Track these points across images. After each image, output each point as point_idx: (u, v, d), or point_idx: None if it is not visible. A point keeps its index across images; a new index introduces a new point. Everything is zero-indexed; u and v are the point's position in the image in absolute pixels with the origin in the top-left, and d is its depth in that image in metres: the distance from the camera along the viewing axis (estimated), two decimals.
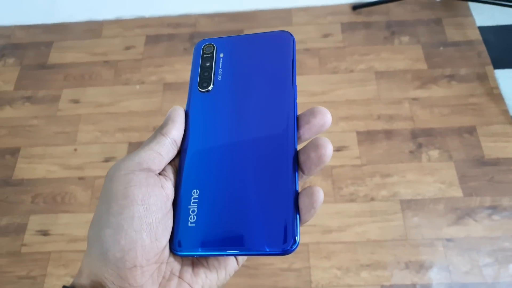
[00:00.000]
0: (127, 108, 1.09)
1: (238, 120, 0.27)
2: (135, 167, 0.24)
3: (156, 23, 1.24)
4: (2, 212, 0.97)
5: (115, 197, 0.23)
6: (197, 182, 0.25)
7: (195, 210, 0.24)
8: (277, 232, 0.23)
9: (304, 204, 0.24)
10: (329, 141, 0.24)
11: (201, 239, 0.24)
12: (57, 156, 1.04)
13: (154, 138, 0.26)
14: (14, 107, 1.12)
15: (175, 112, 0.27)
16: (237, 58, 0.29)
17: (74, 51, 1.20)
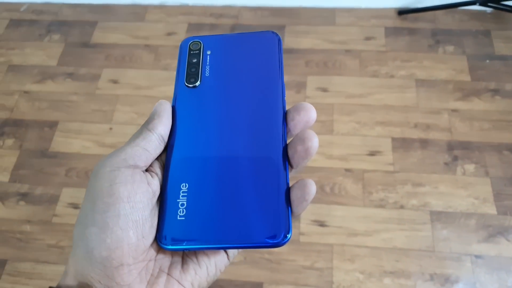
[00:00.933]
0: (163, 93, 1.12)
1: (226, 115, 0.27)
2: (120, 163, 0.24)
3: (199, 11, 1.27)
4: (37, 181, 1.01)
5: (100, 194, 0.23)
6: (186, 176, 0.25)
7: (184, 204, 0.24)
8: (269, 225, 0.23)
9: (296, 196, 0.24)
10: (315, 133, 0.24)
11: (191, 232, 0.23)
12: (93, 133, 1.07)
13: (140, 133, 0.25)
14: (56, 81, 1.17)
15: (161, 107, 0.26)
16: (224, 55, 0.29)
17: (117, 33, 1.24)
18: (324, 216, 0.93)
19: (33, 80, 1.18)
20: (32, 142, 1.07)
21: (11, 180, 1.02)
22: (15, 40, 1.25)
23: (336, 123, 1.04)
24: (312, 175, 0.97)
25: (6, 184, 1.02)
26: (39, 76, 1.18)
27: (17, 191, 1.01)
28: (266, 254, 0.89)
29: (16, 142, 1.08)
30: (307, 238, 0.90)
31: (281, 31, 1.21)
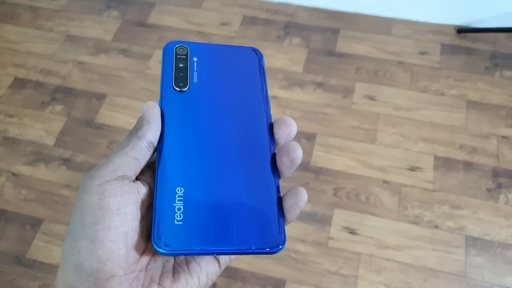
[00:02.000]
0: None
1: (216, 122, 0.27)
2: (109, 176, 0.24)
3: (256, 5, 1.29)
4: (80, 149, 1.06)
5: (90, 207, 0.23)
6: (181, 180, 0.25)
7: (181, 208, 0.24)
8: (265, 232, 0.24)
9: (289, 204, 0.25)
10: (299, 145, 0.26)
11: (189, 237, 0.23)
12: (137, 110, 1.11)
13: (129, 142, 0.25)
14: (109, 56, 1.22)
15: (150, 111, 0.26)
16: (210, 65, 0.30)
17: (173, 16, 1.28)
18: (356, 224, 0.93)
19: (88, 52, 1.23)
20: (79, 111, 1.12)
21: (56, 144, 1.07)
22: (75, 12, 1.31)
23: (380, 133, 1.04)
24: (349, 181, 0.98)
25: (51, 148, 1.07)
26: (93, 48, 1.24)
27: (60, 156, 1.05)
28: (292, 253, 0.90)
29: (65, 109, 1.13)
30: (335, 243, 0.91)
31: (335, 34, 1.21)
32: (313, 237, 0.92)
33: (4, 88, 1.18)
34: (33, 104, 1.15)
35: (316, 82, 1.13)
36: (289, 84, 1.13)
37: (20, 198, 1.00)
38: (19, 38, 1.27)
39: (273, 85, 1.13)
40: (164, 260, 0.25)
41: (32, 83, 1.19)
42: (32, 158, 1.06)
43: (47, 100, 1.15)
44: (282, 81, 1.14)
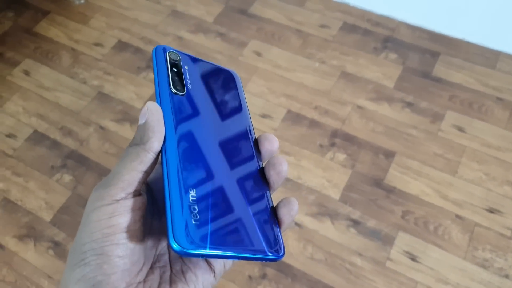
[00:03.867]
0: (299, 79, 1.18)
1: (212, 131, 0.28)
2: (119, 195, 0.24)
3: (357, 13, 1.30)
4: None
5: (99, 226, 0.23)
6: (193, 181, 0.25)
7: (196, 209, 0.24)
8: (270, 240, 0.25)
9: (283, 213, 0.26)
10: (284, 159, 0.27)
11: (209, 238, 0.24)
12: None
13: (137, 155, 0.25)
14: (207, 36, 1.29)
15: (154, 118, 0.26)
16: (199, 76, 0.31)
17: (274, 10, 1.33)
18: (419, 251, 0.92)
19: (188, 29, 1.31)
20: None
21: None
22: None
23: (463, 167, 1.01)
24: (420, 208, 0.96)
25: (137, 110, 1.16)
26: (194, 27, 1.32)
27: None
28: (347, 264, 0.91)
29: None
30: (393, 265, 0.90)
31: (435, 57, 1.20)
32: (371, 253, 0.92)
33: (108, 48, 1.30)
34: (130, 68, 1.25)
35: (406, 101, 1.13)
36: (377, 97, 1.14)
37: (102, 150, 1.10)
38: (130, 5, 1.38)
39: (361, 95, 1.14)
40: (161, 271, 0.26)
41: (133, 48, 1.29)
42: (120, 116, 1.15)
43: (143, 66, 1.25)
44: (371, 92, 1.14)
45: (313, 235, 0.95)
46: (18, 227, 1.01)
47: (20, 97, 1.22)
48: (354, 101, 1.13)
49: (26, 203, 1.04)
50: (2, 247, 0.98)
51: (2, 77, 1.26)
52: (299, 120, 1.11)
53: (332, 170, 1.03)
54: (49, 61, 1.29)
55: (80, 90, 1.22)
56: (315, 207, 0.98)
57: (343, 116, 1.11)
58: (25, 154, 1.11)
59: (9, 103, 1.22)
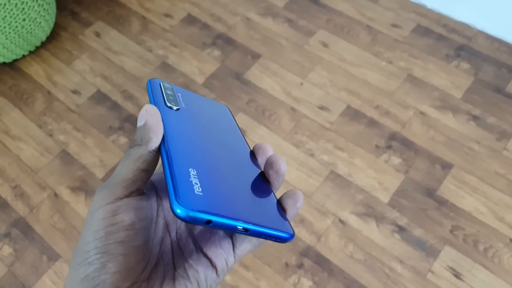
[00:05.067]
0: (363, 75, 1.17)
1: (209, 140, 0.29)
2: (123, 193, 0.24)
3: (433, 17, 1.27)
4: (223, 96, 1.17)
5: (103, 223, 0.23)
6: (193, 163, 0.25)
7: (198, 183, 0.24)
8: (278, 219, 0.25)
9: (287, 204, 0.27)
10: (282, 156, 0.28)
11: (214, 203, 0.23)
12: (285, 80, 1.18)
13: (140, 155, 0.25)
14: (275, 21, 1.30)
15: (153, 119, 0.26)
16: (192, 106, 0.31)
17: (348, 3, 1.32)
18: (464, 269, 0.90)
19: (257, 11, 1.33)
20: (233, 62, 1.23)
21: (203, 84, 1.19)
22: None
23: None
24: (472, 225, 0.94)
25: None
26: (263, 10, 1.33)
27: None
28: (387, 269, 0.90)
29: (221, 56, 1.24)
30: (434, 278, 0.89)
31: (510, 73, 1.15)
32: (413, 262, 0.91)
33: (177, 20, 1.34)
34: (196, 42, 1.28)
35: (472, 114, 1.09)
36: (442, 105, 1.11)
37: None
38: None
39: (425, 101, 1.12)
40: (164, 269, 0.26)
41: (201, 23, 1.32)
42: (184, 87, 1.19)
43: (208, 43, 1.28)
44: (436, 100, 1.12)
45: (356, 234, 0.95)
46: (72, 179, 1.07)
47: (88, 56, 1.29)
48: (417, 106, 1.11)
49: (82, 158, 1.10)
50: (56, 195, 1.05)
51: (75, 36, 1.33)
52: (358, 117, 1.10)
53: (385, 173, 1.02)
54: (120, 25, 1.34)
55: (145, 57, 1.27)
56: (361, 207, 0.98)
57: (403, 119, 1.09)
58: (87, 111, 1.17)
59: (78, 61, 1.28)
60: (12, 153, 1.12)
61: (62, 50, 1.31)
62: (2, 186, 1.07)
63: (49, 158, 1.10)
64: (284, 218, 0.26)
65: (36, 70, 1.27)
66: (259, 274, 0.92)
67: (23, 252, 0.99)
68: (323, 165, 1.04)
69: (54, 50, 1.31)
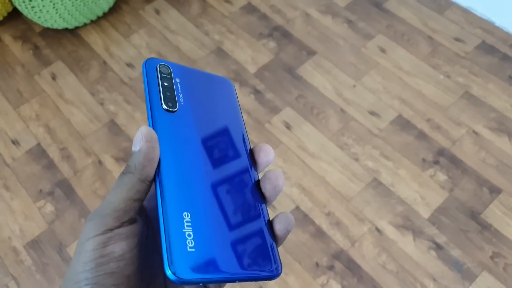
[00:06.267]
0: (419, 86, 1.15)
1: (206, 147, 0.28)
2: (113, 224, 0.24)
3: (500, 35, 1.23)
4: (272, 88, 1.17)
5: (93, 255, 0.23)
6: (186, 205, 0.25)
7: (191, 234, 0.24)
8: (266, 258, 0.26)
9: (279, 228, 0.27)
10: (280, 172, 0.28)
11: (204, 264, 0.24)
12: (337, 80, 1.18)
13: (133, 185, 0.25)
14: (335, 20, 1.30)
15: (149, 145, 0.25)
16: (191, 88, 0.30)
17: (411, 10, 1.30)
18: None
19: (316, 7, 1.33)
20: (287, 55, 1.23)
21: (255, 74, 1.20)
22: None
23: None
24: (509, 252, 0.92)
25: (249, 74, 1.20)
26: (324, 7, 1.33)
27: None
28: (419, 285, 0.90)
29: (276, 48, 1.25)
30: None
31: None
32: (447, 282, 0.90)
33: (236, 7, 1.35)
34: (252, 32, 1.29)
35: None
36: (498, 128, 1.08)
37: None
38: None
39: (480, 121, 1.09)
40: None
41: (260, 13, 1.33)
42: (232, 75, 1.21)
43: (265, 34, 1.29)
44: (492, 121, 1.09)
45: (391, 245, 0.94)
46: (117, 149, 1.10)
47: (146, 32, 1.32)
48: (471, 125, 1.09)
49: (128, 130, 1.13)
50: (100, 163, 1.09)
51: (135, 10, 1.37)
52: (408, 128, 1.09)
53: (429, 188, 1.01)
54: (180, 6, 1.37)
55: (201, 40, 1.29)
56: (400, 218, 0.97)
57: (455, 136, 1.07)
58: (139, 85, 1.21)
59: (135, 35, 1.32)
60: (63, 116, 1.17)
61: (121, 23, 1.34)
62: (51, 147, 1.12)
63: (98, 126, 1.14)
64: (273, 250, 0.26)
65: (95, 39, 1.31)
66: (288, 269, 0.93)
67: (64, 212, 1.03)
68: (366, 171, 1.03)
69: (114, 22, 1.35)
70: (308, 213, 0.99)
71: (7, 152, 1.12)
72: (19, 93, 1.22)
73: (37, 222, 1.02)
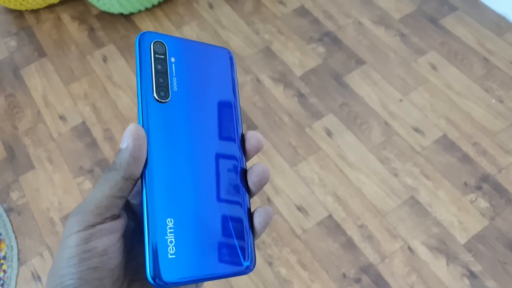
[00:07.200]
0: (468, 108, 1.12)
1: (195, 139, 0.27)
2: (96, 220, 0.24)
3: None
4: (317, 93, 1.17)
5: (76, 251, 0.23)
6: (170, 210, 0.25)
7: (173, 241, 0.25)
8: (243, 255, 0.27)
9: (259, 221, 0.28)
10: (266, 166, 0.28)
11: (183, 268, 0.25)
12: (384, 91, 1.16)
13: (116, 183, 0.25)
14: (387, 31, 1.28)
15: (136, 144, 0.25)
16: (187, 67, 0.29)
17: (468, 29, 1.26)
18: None
19: (371, 18, 1.31)
20: (335, 62, 1.22)
21: (301, 77, 1.20)
22: None
23: None
24: None
25: (294, 76, 1.20)
26: (378, 18, 1.31)
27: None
28: None
29: (325, 53, 1.25)
30: None
31: None
32: None
33: (289, 9, 1.35)
34: (303, 35, 1.29)
35: None
36: None
37: (251, 101, 1.17)
38: None
39: None
40: (141, 283, 0.27)
41: (312, 17, 1.33)
42: (277, 76, 1.21)
43: (315, 38, 1.28)
44: None
45: (422, 266, 0.92)
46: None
47: (197, 25, 1.34)
48: None
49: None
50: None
51: (189, 2, 1.39)
52: (452, 149, 1.06)
53: (468, 213, 0.98)
54: (233, 2, 1.38)
55: (251, 38, 1.30)
56: (435, 240, 0.95)
57: (502, 164, 1.04)
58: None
59: (187, 27, 1.34)
60: (110, 98, 1.20)
61: (175, 13, 1.37)
62: (95, 126, 1.16)
63: None
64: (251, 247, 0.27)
65: (147, 26, 1.34)
66: (314, 276, 0.92)
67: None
68: (404, 188, 1.02)
69: (168, 11, 1.38)
70: (340, 223, 0.98)
71: (54, 126, 1.16)
72: (71, 71, 1.26)
73: (74, 197, 1.05)
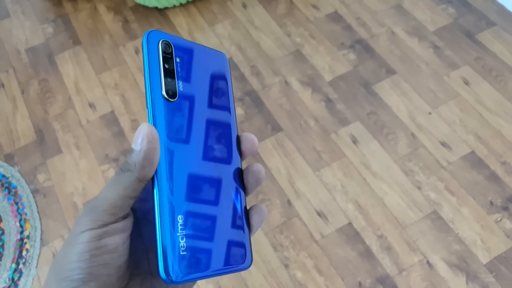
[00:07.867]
0: (499, 126, 1.10)
1: (200, 138, 0.29)
2: (109, 219, 0.25)
3: None
4: (345, 99, 1.17)
5: (88, 247, 0.24)
6: (180, 208, 0.26)
7: (184, 238, 0.26)
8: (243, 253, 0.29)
9: (255, 219, 0.29)
10: (262, 167, 0.30)
11: (193, 265, 0.26)
12: (414, 103, 1.15)
13: (131, 184, 0.25)
14: (421, 43, 1.27)
15: (150, 146, 0.25)
16: (189, 69, 0.30)
17: (505, 46, 1.24)
18: None
19: (405, 28, 1.30)
20: (366, 70, 1.22)
21: (330, 82, 1.20)
22: None
23: None
24: None
25: (323, 81, 1.20)
26: (412, 28, 1.30)
27: (326, 94, 1.15)
28: None
29: (355, 61, 1.24)
30: None
31: None
32: None
33: (323, 14, 1.35)
34: (334, 41, 1.29)
35: None
36: None
37: (277, 102, 1.17)
38: None
39: None
40: (142, 277, 0.28)
41: (345, 24, 1.33)
42: (306, 80, 1.21)
43: (347, 44, 1.28)
44: None
45: (440, 282, 0.91)
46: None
47: (230, 24, 1.35)
48: None
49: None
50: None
51: (223, 1, 1.41)
52: (480, 167, 1.04)
53: (492, 233, 0.96)
54: (267, 3, 1.39)
55: (282, 40, 1.30)
56: (455, 257, 0.93)
57: None
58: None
59: (219, 25, 1.35)
60: (139, 90, 1.22)
61: (208, 11, 1.39)
62: (123, 116, 1.18)
63: None
64: (249, 244, 0.29)
65: (180, 22, 1.36)
66: (330, 282, 0.92)
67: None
68: (427, 202, 1.00)
69: (202, 8, 1.39)
70: (360, 232, 0.97)
71: (83, 113, 1.19)
72: (103, 60, 1.29)
73: (98, 184, 1.07)
